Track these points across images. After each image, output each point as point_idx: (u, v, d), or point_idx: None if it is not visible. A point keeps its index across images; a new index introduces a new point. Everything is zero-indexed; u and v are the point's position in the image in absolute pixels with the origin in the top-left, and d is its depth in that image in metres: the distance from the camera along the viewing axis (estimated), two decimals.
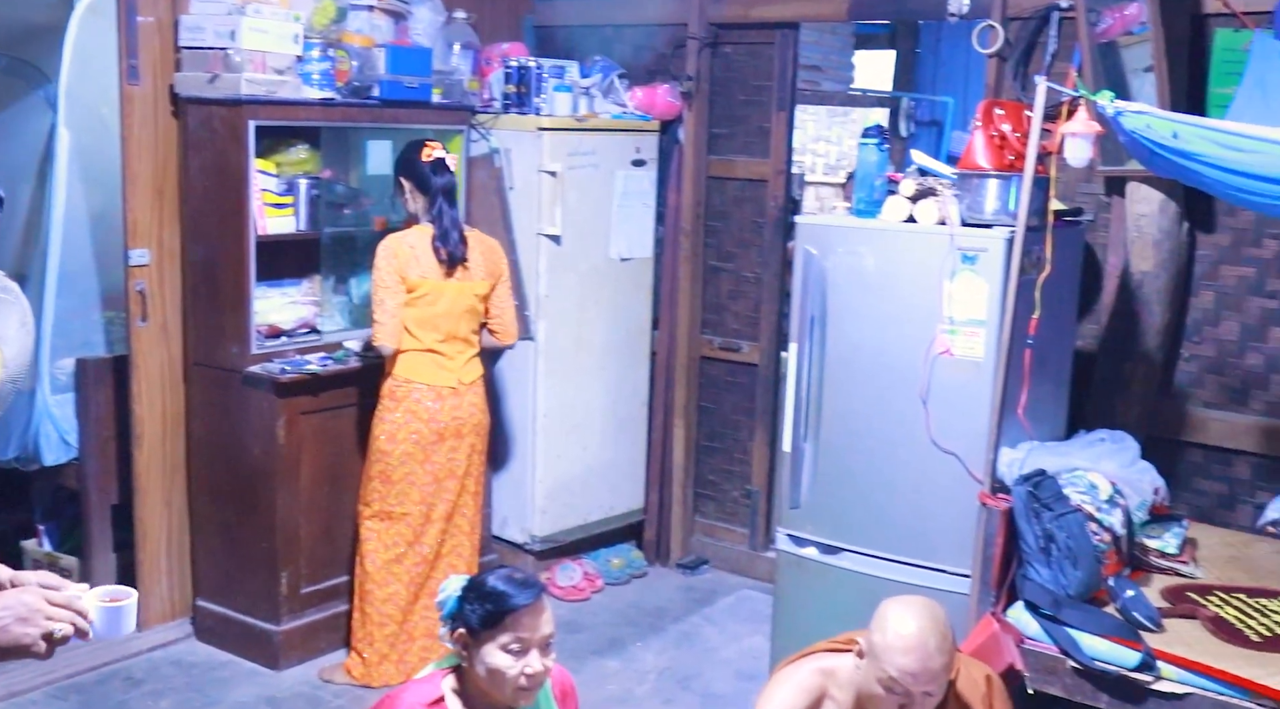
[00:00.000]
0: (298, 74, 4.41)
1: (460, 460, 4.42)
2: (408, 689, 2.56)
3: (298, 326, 4.69)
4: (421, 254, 4.30)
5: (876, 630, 2.55)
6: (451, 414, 4.36)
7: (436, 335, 4.33)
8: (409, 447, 4.33)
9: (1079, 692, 3.33)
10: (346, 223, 4.86)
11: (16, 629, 1.85)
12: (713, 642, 4.93)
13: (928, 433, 3.79)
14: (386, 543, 4.39)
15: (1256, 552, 4.01)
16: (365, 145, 4.85)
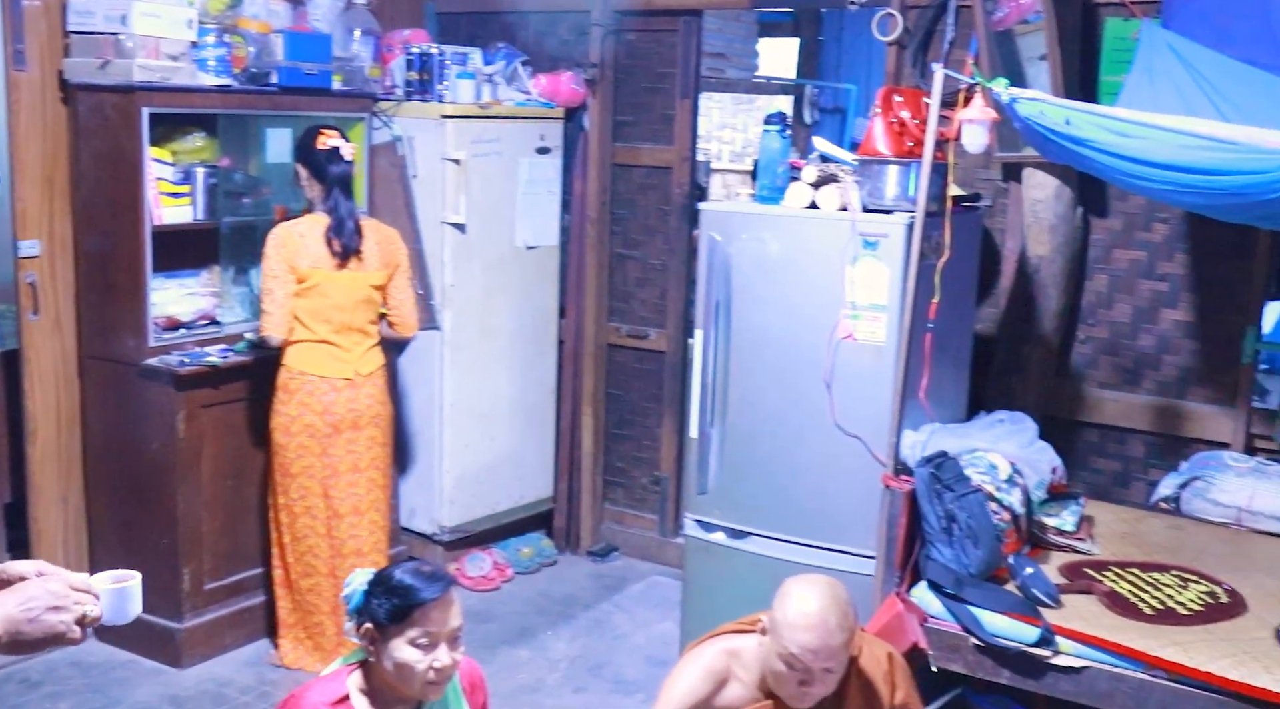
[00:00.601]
0: (192, 60, 4.32)
1: (360, 452, 4.37)
2: (311, 688, 2.52)
3: (197, 318, 4.60)
4: (312, 243, 4.24)
5: (778, 608, 2.57)
6: (348, 406, 4.30)
7: (330, 326, 4.27)
8: (304, 439, 4.27)
9: (981, 668, 3.39)
10: (246, 212, 4.78)
11: (51, 618, 1.84)
12: (623, 628, 4.94)
13: (832, 417, 3.83)
14: (297, 536, 4.34)
15: (1149, 527, 4.11)
16: (264, 133, 4.77)
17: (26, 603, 1.84)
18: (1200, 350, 4.43)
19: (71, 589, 1.89)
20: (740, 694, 2.69)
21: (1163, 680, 3.16)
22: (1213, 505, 4.12)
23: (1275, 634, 3.28)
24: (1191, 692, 3.12)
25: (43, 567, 1.96)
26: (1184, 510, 4.20)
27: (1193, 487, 4.18)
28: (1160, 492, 4.30)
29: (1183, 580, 3.61)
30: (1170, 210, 4.39)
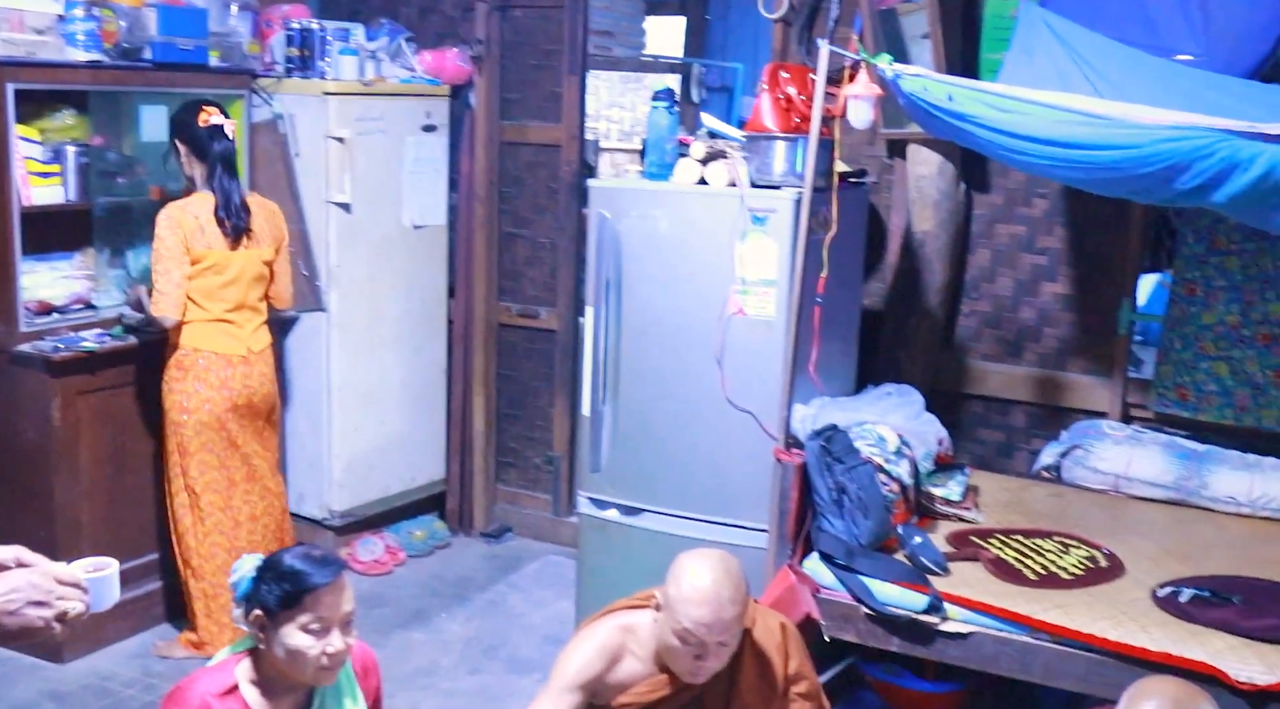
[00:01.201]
0: (60, 34, 4.18)
1: (259, 428, 4.36)
2: (198, 679, 2.47)
3: (71, 302, 4.46)
4: (206, 224, 4.18)
5: (671, 584, 2.57)
6: (243, 382, 4.27)
7: (225, 305, 4.23)
8: (203, 416, 4.21)
9: (872, 636, 3.45)
10: (121, 192, 4.63)
11: (30, 612, 1.79)
12: (519, 609, 4.92)
13: (723, 392, 3.85)
14: (199, 516, 4.29)
15: (1032, 495, 4.22)
16: (138, 110, 4.62)
17: (9, 594, 1.79)
18: (1079, 322, 4.54)
19: (57, 582, 1.84)
20: (635, 669, 2.69)
21: (1046, 643, 3.25)
22: (1092, 473, 4.23)
23: (1151, 595, 3.39)
24: (1073, 653, 3.21)
25: (21, 554, 1.90)
26: (1065, 478, 4.31)
27: (1073, 455, 4.29)
28: (1042, 460, 4.41)
29: (1064, 546, 3.71)
30: (1049, 186, 4.49)
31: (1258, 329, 4.18)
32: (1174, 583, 3.43)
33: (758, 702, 2.68)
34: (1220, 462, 4.10)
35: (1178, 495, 4.10)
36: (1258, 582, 3.46)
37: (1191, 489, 4.08)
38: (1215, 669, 3.02)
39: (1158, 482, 4.12)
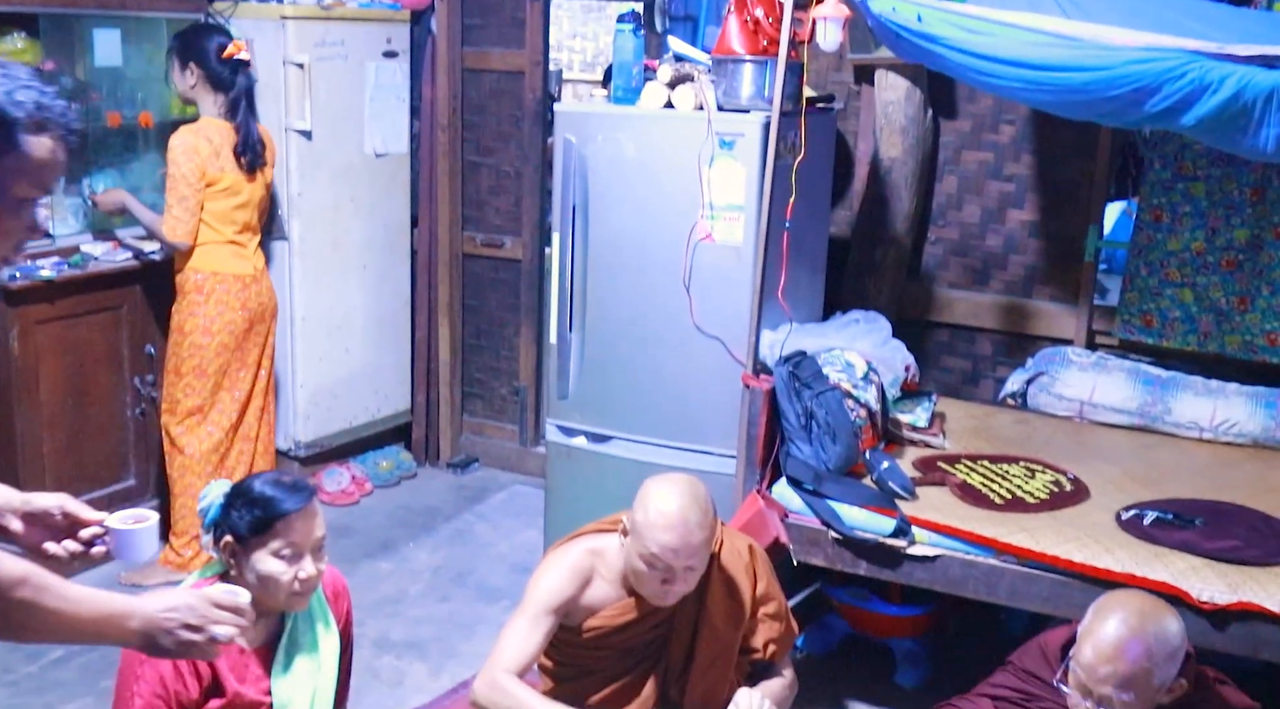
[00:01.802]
0: None
1: (263, 345, 4.52)
2: None
3: None
4: (221, 150, 4.28)
5: (639, 509, 2.56)
6: (257, 300, 4.43)
7: (235, 227, 4.37)
8: (225, 337, 4.35)
9: (840, 560, 3.47)
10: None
11: (185, 635, 1.85)
12: (486, 538, 4.93)
13: (691, 318, 3.83)
14: (201, 437, 4.38)
15: (997, 422, 4.24)
16: (92, 35, 4.50)
17: (169, 613, 1.85)
18: (1045, 250, 4.55)
19: (214, 606, 1.88)
20: (604, 592, 2.69)
21: (1012, 565, 3.28)
22: (1057, 399, 4.26)
23: (1116, 518, 3.43)
24: (1039, 574, 3.25)
25: (65, 503, 1.93)
26: (1030, 405, 4.34)
27: (1038, 382, 4.32)
28: (1008, 388, 4.44)
29: (1030, 471, 3.74)
30: (1017, 112, 4.47)
31: (1222, 255, 4.19)
32: (1138, 506, 3.46)
33: (726, 623, 2.69)
34: (1184, 388, 4.13)
35: (1142, 421, 4.14)
36: (1219, 505, 3.51)
37: (1155, 415, 4.12)
38: (1178, 589, 3.06)
39: (1122, 408, 4.16)
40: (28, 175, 1.69)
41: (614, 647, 2.66)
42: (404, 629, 4.14)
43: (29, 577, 1.72)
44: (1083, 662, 2.22)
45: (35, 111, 1.67)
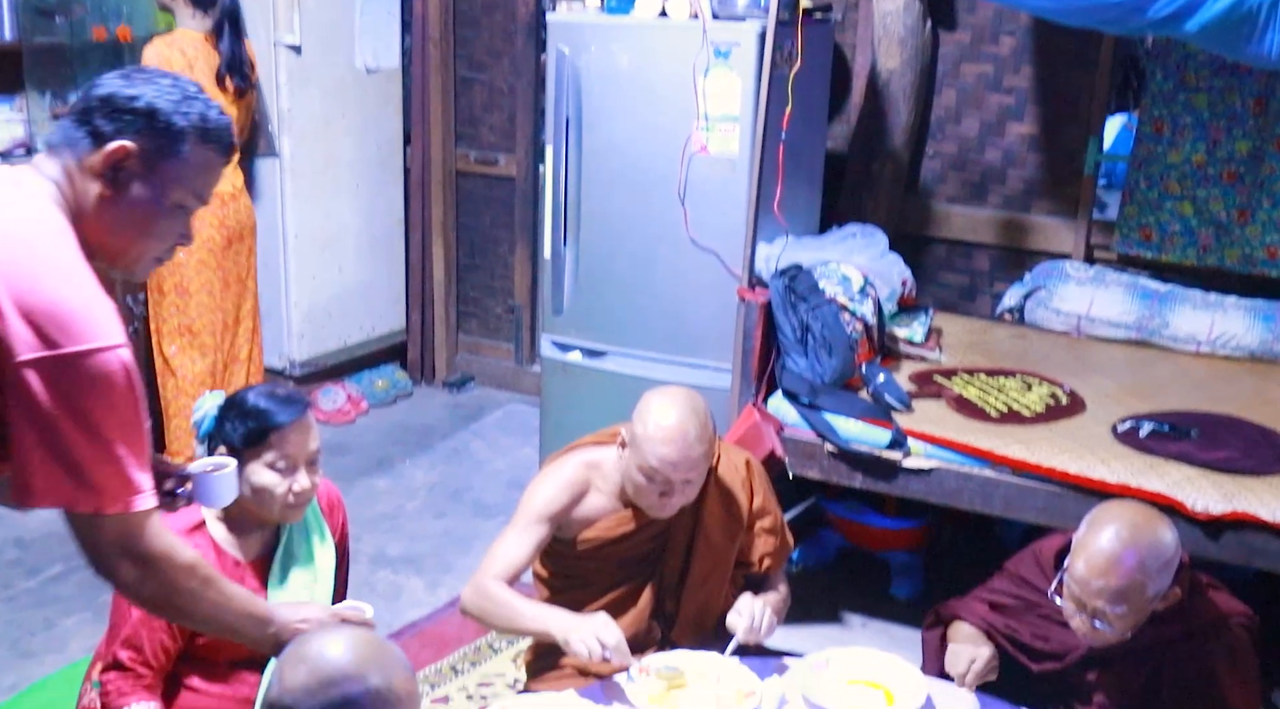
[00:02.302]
0: None
1: (243, 264, 4.43)
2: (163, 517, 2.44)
3: (12, 147, 4.33)
4: (196, 63, 4.14)
5: (638, 422, 2.54)
6: (235, 218, 4.35)
7: None
8: (203, 254, 4.28)
9: (835, 473, 3.47)
10: (59, 33, 4.44)
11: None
12: (482, 456, 4.93)
13: (686, 231, 3.80)
14: (193, 357, 4.36)
15: (994, 337, 4.23)
16: None
17: (302, 623, 1.93)
18: (1044, 163, 4.50)
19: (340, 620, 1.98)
20: (601, 504, 2.68)
21: (1007, 477, 3.28)
22: (1054, 314, 4.24)
23: (1111, 430, 3.42)
24: (1034, 486, 3.25)
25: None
26: (1027, 320, 4.32)
27: (1035, 296, 4.30)
28: (1005, 302, 4.41)
29: (1026, 384, 3.73)
30: (1017, 22, 4.40)
31: (1223, 167, 4.15)
32: (1134, 418, 3.46)
33: (722, 537, 2.69)
34: (1182, 301, 4.11)
35: (1139, 335, 4.12)
36: (1216, 417, 3.50)
37: (1153, 329, 4.10)
38: (1172, 499, 3.07)
39: (1119, 322, 4.14)
40: (187, 182, 1.76)
41: (610, 558, 2.66)
42: (401, 545, 4.16)
43: (196, 566, 1.81)
44: (1076, 576, 2.22)
45: (200, 123, 1.74)
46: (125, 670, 2.37)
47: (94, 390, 1.59)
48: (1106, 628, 2.20)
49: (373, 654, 1.61)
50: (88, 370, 1.58)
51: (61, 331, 1.57)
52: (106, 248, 1.73)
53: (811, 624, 3.66)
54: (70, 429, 1.59)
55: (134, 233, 1.75)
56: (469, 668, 3.47)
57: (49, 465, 1.60)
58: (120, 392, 1.61)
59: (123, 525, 1.69)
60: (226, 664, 2.51)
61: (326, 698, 1.55)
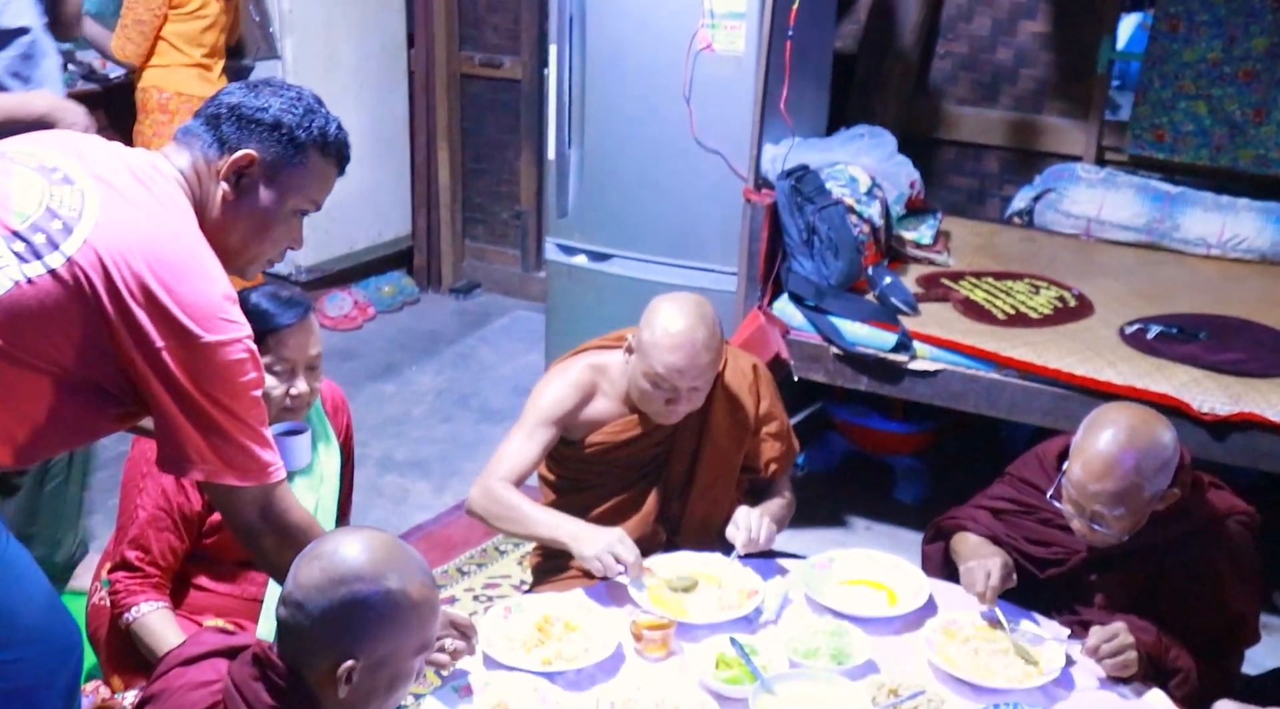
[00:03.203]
0: None
1: None
2: None
3: None
4: None
5: (645, 328, 2.52)
6: None
7: (203, 50, 4.26)
8: None
9: (841, 376, 3.46)
10: None
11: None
12: (489, 361, 4.94)
13: (691, 132, 3.74)
14: None
15: (1003, 240, 4.19)
16: None
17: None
18: (1057, 63, 4.42)
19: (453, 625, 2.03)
20: (607, 408, 2.67)
21: (1013, 379, 3.28)
22: (1064, 217, 4.20)
23: (1119, 333, 3.41)
24: (1040, 388, 3.24)
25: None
26: (1037, 223, 4.28)
27: (1045, 199, 4.25)
28: (1014, 205, 4.37)
29: (1034, 287, 3.70)
30: None
31: (1239, 65, 4.07)
32: (1142, 320, 3.44)
33: (728, 442, 2.68)
34: (1193, 203, 4.07)
35: (1149, 238, 4.08)
36: (1224, 319, 3.48)
37: (1163, 231, 4.06)
38: (1178, 401, 3.06)
39: (1129, 224, 4.10)
40: (305, 191, 1.88)
41: (616, 462, 2.66)
42: (407, 449, 4.18)
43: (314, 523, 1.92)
44: (1074, 480, 2.21)
45: (320, 137, 1.87)
46: (134, 570, 2.39)
47: (229, 375, 1.72)
48: (1105, 530, 2.20)
49: (389, 557, 1.61)
50: (223, 357, 1.71)
51: (201, 323, 1.69)
52: (224, 247, 1.82)
53: (816, 528, 3.68)
54: (211, 408, 1.72)
55: (251, 236, 1.87)
56: (475, 570, 3.51)
57: (198, 440, 1.73)
58: (252, 373, 1.76)
59: (263, 496, 1.81)
60: (234, 564, 2.53)
61: (336, 596, 1.56)
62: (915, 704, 2.05)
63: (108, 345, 1.69)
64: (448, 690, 2.05)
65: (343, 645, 1.57)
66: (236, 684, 1.59)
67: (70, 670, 1.96)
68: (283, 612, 1.60)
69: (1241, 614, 2.29)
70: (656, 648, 2.20)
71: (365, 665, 1.58)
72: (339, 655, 1.57)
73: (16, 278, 1.64)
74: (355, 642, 1.57)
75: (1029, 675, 2.15)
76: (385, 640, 1.59)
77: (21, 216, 1.68)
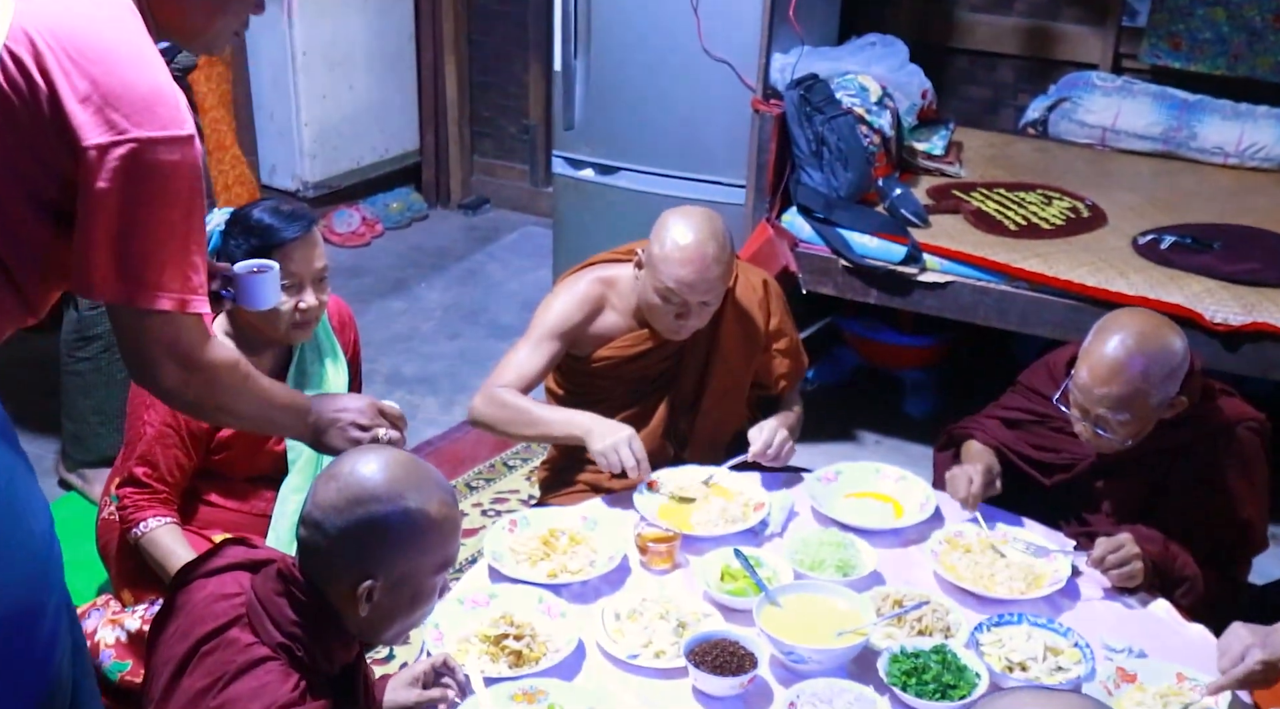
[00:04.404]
0: None
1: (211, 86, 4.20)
2: None
3: None
4: None
5: (655, 242, 2.48)
6: None
7: None
8: None
9: (850, 289, 3.43)
10: None
11: (353, 433, 1.91)
12: (497, 277, 4.92)
13: (699, 41, 3.68)
14: None
15: (1016, 150, 4.13)
16: None
17: (340, 413, 1.90)
18: None
19: (379, 413, 1.95)
20: (615, 322, 2.65)
21: (1024, 291, 3.25)
22: (1079, 126, 4.14)
23: (1132, 243, 3.37)
24: (1050, 299, 3.22)
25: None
26: (1051, 133, 4.22)
27: (1060, 108, 4.18)
28: (1029, 115, 4.31)
29: (1047, 197, 3.66)
30: None
31: None
32: (1155, 231, 3.40)
33: (738, 358, 2.66)
34: (1210, 111, 4.00)
35: (1165, 147, 4.02)
36: (1240, 228, 3.44)
37: (1179, 140, 4.00)
38: (1191, 311, 3.03)
39: (1145, 133, 4.04)
40: None
41: (624, 377, 2.64)
42: (416, 365, 4.18)
43: (239, 363, 1.76)
44: (1079, 383, 2.19)
45: None
46: (141, 486, 2.41)
47: (160, 179, 1.53)
48: (1109, 435, 2.20)
49: (406, 476, 1.60)
50: (155, 158, 1.52)
51: (130, 117, 1.50)
52: (183, 27, 1.67)
53: (825, 442, 3.68)
54: (134, 220, 1.53)
55: (210, 7, 1.67)
56: (484, 485, 3.52)
57: (109, 258, 1.54)
58: (187, 184, 1.56)
59: (173, 326, 1.62)
60: (243, 480, 2.55)
61: (353, 516, 1.56)
62: (919, 614, 2.05)
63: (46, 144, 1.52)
64: (452, 604, 2.06)
65: (362, 565, 1.57)
66: (260, 598, 1.60)
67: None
68: (302, 531, 1.61)
69: (1249, 521, 2.28)
70: (662, 560, 2.21)
71: (385, 584, 1.58)
72: (359, 575, 1.57)
73: None
74: (374, 561, 1.57)
75: (1033, 585, 2.15)
76: (405, 559, 1.59)
77: None
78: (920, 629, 2.03)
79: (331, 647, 1.61)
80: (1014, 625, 2.05)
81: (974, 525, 2.31)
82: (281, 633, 1.57)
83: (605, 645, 1.98)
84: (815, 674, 1.92)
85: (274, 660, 1.55)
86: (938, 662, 1.92)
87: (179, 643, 1.58)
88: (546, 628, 2.01)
